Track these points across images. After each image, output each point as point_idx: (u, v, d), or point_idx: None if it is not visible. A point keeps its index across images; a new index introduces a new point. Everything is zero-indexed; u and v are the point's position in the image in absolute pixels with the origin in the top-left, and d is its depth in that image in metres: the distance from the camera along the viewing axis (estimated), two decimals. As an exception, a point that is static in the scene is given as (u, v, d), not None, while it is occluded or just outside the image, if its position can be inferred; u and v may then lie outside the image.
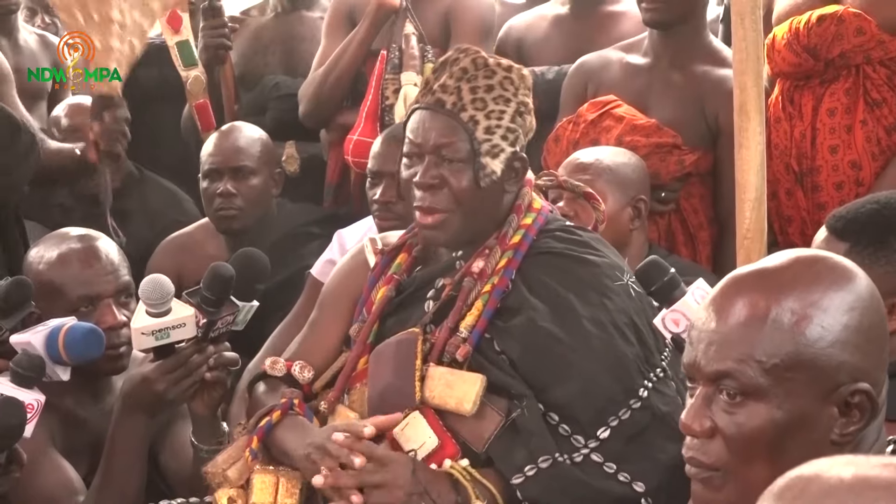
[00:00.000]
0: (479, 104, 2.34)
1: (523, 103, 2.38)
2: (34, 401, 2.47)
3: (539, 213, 2.45)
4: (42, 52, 4.67)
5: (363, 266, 2.56)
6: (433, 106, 2.36)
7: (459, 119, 2.33)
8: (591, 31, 3.95)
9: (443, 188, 2.34)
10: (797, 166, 3.24)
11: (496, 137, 2.34)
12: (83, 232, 2.93)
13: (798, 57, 3.22)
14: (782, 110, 3.29)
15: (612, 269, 2.40)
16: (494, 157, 2.34)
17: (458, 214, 2.35)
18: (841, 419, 1.53)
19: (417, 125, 2.37)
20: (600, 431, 2.27)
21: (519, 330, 2.34)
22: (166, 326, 2.51)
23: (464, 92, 2.34)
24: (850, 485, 0.97)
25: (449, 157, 2.33)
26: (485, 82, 2.35)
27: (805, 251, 1.68)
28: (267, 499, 2.34)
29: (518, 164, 2.39)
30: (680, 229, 3.48)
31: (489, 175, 2.34)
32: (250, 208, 3.74)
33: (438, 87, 2.36)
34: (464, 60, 2.37)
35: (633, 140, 3.36)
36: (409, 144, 2.38)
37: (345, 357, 2.50)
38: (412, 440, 2.30)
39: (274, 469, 2.38)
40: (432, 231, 2.37)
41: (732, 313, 1.56)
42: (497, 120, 2.34)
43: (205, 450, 2.59)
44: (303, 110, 4.04)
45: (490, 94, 2.35)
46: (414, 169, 2.37)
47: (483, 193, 2.35)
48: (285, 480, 2.36)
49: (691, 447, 1.60)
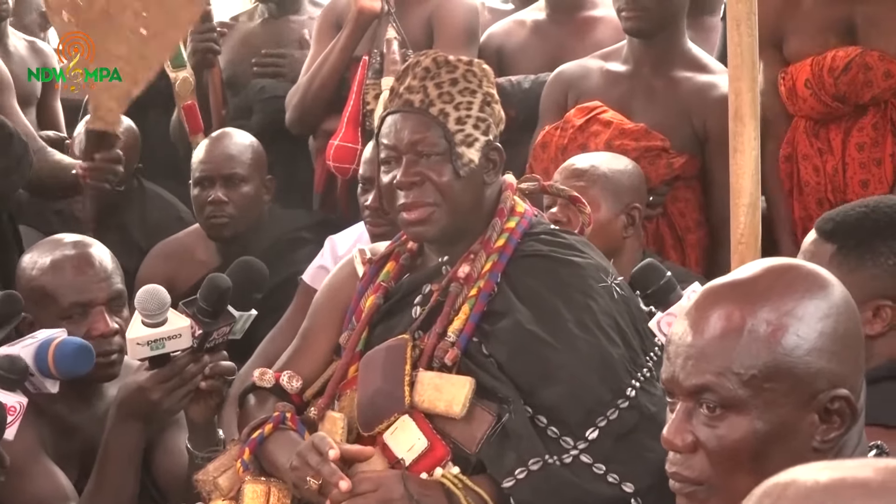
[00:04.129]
0: (446, 97, 2.38)
1: (489, 94, 2.42)
2: (16, 403, 2.48)
3: (522, 217, 2.47)
4: (32, 58, 4.67)
5: (353, 276, 2.58)
6: (402, 108, 2.40)
7: (429, 114, 2.37)
8: (569, 35, 3.94)
9: (424, 184, 2.37)
10: (833, 198, 3.25)
11: (468, 127, 2.37)
12: (77, 238, 2.93)
13: (827, 107, 3.26)
14: (810, 146, 3.31)
15: (596, 271, 2.42)
16: (469, 146, 2.37)
17: (444, 208, 2.38)
18: (822, 426, 1.54)
19: (389, 129, 2.40)
20: (589, 432, 2.29)
21: (505, 333, 2.36)
22: (162, 337, 2.52)
23: (430, 89, 2.38)
24: (826, 486, 0.98)
25: (426, 152, 2.37)
26: (448, 77, 2.39)
27: (778, 260, 1.67)
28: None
29: (494, 154, 2.42)
30: (668, 233, 3.49)
31: (467, 164, 2.37)
32: (242, 215, 3.73)
33: (404, 90, 2.40)
34: (425, 61, 2.42)
35: (623, 144, 3.37)
36: (385, 149, 2.41)
37: (335, 366, 2.51)
38: (402, 443, 2.31)
39: (265, 479, 2.40)
40: (419, 227, 2.39)
41: (708, 327, 1.56)
42: (466, 110, 2.38)
43: (200, 456, 2.60)
44: (289, 117, 4.05)
45: (455, 88, 2.39)
46: (393, 173, 2.39)
47: (464, 184, 2.38)
48: (276, 490, 2.38)
49: (674, 462, 1.61)
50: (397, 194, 2.39)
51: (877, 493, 0.96)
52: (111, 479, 2.65)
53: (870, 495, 0.96)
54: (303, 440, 2.40)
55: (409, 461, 2.30)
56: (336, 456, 2.27)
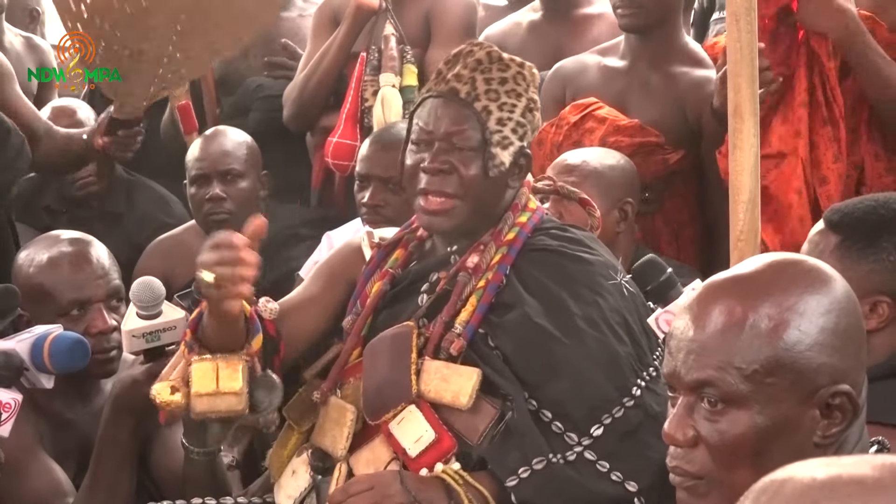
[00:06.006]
0: (492, 95, 2.36)
1: (533, 100, 2.41)
2: (11, 400, 2.48)
3: (535, 213, 2.47)
4: (28, 55, 4.67)
5: (357, 252, 2.57)
6: (446, 94, 2.37)
7: (473, 108, 2.35)
8: (566, 34, 3.94)
9: (452, 174, 2.35)
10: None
11: (507, 130, 2.36)
12: (74, 235, 2.94)
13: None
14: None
15: (605, 268, 2.42)
16: (504, 148, 2.36)
17: (465, 202, 2.36)
18: (823, 421, 1.54)
19: (429, 113, 2.38)
20: (594, 429, 2.28)
21: (513, 325, 2.35)
22: (157, 329, 2.53)
23: (478, 82, 2.36)
24: (823, 483, 0.97)
25: (460, 145, 2.35)
26: (499, 75, 2.38)
27: (780, 255, 1.67)
28: (209, 385, 2.27)
29: (523, 160, 2.41)
30: (664, 228, 3.50)
31: (498, 166, 2.35)
32: (240, 211, 3.70)
33: (452, 77, 2.38)
34: (478, 52, 2.40)
35: (617, 140, 3.38)
36: (419, 131, 2.39)
37: (337, 349, 2.50)
38: (409, 434, 2.30)
39: (210, 357, 2.30)
40: (437, 217, 2.37)
41: (710, 321, 1.56)
42: (509, 112, 2.36)
43: (195, 451, 2.59)
44: (286, 114, 4.04)
45: (503, 87, 2.37)
46: (421, 155, 2.37)
47: (489, 184, 2.37)
48: (224, 364, 2.28)
49: (675, 456, 1.61)
50: (420, 178, 2.37)
51: (873, 490, 0.96)
52: (107, 474, 2.65)
53: (866, 492, 0.96)
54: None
55: (415, 453, 2.29)
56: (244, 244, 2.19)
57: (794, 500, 0.98)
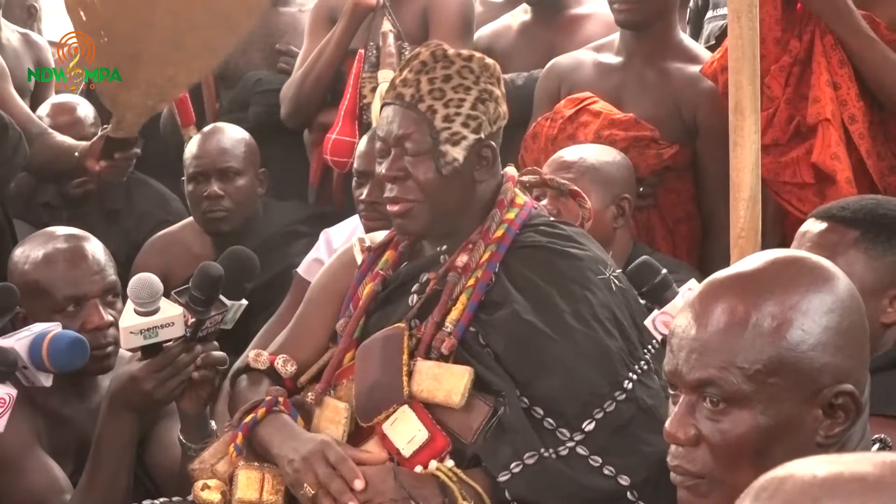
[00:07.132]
0: (436, 94, 2.38)
1: (486, 91, 2.41)
2: (6, 395, 2.47)
3: (522, 209, 2.47)
4: (25, 52, 4.66)
5: (351, 264, 2.59)
6: (395, 100, 2.41)
7: (417, 110, 2.38)
8: (557, 35, 3.94)
9: (407, 180, 2.39)
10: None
11: (456, 125, 2.37)
12: (69, 231, 2.93)
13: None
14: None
15: (594, 263, 2.42)
16: (455, 144, 2.37)
17: (425, 204, 2.39)
18: (826, 421, 1.53)
19: (382, 121, 2.43)
20: (585, 424, 2.29)
21: (503, 323, 2.36)
22: (154, 325, 2.52)
23: (422, 84, 2.39)
24: (824, 480, 0.97)
25: (410, 149, 2.38)
26: (442, 73, 2.39)
27: (782, 252, 1.66)
28: (252, 495, 2.34)
29: (486, 151, 2.42)
30: (659, 224, 3.49)
31: (451, 163, 2.37)
32: (238, 209, 3.73)
33: (400, 83, 2.41)
34: (423, 54, 2.42)
35: (612, 134, 3.37)
36: (377, 140, 2.44)
37: (331, 352, 2.51)
38: (402, 435, 2.31)
39: (259, 465, 2.38)
40: (401, 220, 2.42)
41: (712, 320, 1.55)
42: (456, 108, 2.38)
43: (193, 448, 2.60)
44: (284, 111, 4.05)
45: (448, 84, 2.39)
46: (382, 163, 2.42)
47: (448, 182, 2.38)
48: (270, 477, 2.36)
49: (676, 455, 1.60)
50: (385, 186, 2.42)
51: (874, 488, 0.96)
52: (105, 470, 2.64)
53: (867, 490, 0.96)
54: (295, 424, 2.39)
55: (409, 453, 2.30)
56: (361, 487, 2.26)
57: (795, 498, 0.97)
